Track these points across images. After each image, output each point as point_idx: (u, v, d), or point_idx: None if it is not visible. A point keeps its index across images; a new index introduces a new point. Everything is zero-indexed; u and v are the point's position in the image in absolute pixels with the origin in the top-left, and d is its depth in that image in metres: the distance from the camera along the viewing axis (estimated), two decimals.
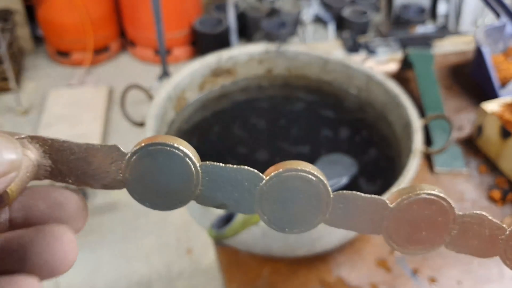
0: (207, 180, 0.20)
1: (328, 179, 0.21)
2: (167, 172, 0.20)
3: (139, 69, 2.16)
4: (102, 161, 0.20)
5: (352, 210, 0.21)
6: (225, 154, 0.71)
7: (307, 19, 2.22)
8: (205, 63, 0.75)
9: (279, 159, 0.73)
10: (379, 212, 0.21)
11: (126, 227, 1.45)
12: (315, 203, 0.21)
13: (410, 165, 0.57)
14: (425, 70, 0.88)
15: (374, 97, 0.74)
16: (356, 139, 0.74)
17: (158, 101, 0.67)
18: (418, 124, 0.63)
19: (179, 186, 0.20)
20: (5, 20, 1.93)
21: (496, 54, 0.90)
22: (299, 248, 0.60)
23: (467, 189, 0.72)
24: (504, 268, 0.62)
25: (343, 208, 0.21)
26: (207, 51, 0.83)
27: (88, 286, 1.31)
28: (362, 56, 1.02)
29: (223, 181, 0.21)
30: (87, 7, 2.03)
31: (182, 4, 2.11)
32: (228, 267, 0.61)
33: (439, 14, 2.28)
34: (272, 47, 0.78)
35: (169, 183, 0.20)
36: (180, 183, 0.20)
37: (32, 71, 2.12)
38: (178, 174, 0.20)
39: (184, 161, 0.20)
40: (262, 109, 0.78)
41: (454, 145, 0.79)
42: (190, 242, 1.41)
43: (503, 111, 0.75)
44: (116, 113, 1.87)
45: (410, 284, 0.60)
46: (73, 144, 0.20)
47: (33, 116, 1.86)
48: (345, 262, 0.62)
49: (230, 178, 0.20)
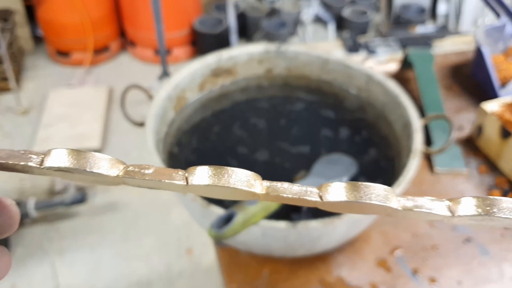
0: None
1: (328, 179, 0.22)
2: None
3: (139, 69, 2.16)
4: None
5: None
6: (225, 154, 0.71)
7: (307, 19, 2.22)
8: (205, 63, 0.75)
9: (279, 159, 0.73)
10: None
11: (126, 227, 1.45)
12: None
13: (410, 165, 0.57)
14: (425, 70, 0.88)
15: (374, 97, 0.74)
16: (356, 139, 0.74)
17: (158, 101, 0.67)
18: (418, 124, 0.63)
19: None
20: (5, 20, 1.93)
21: (496, 54, 0.90)
22: (299, 248, 0.60)
23: (467, 189, 0.72)
24: (504, 268, 0.62)
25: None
26: (207, 51, 0.83)
27: (88, 286, 1.31)
28: (362, 56, 1.02)
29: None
30: (87, 7, 2.03)
31: (182, 4, 2.11)
32: (228, 267, 0.61)
33: (439, 14, 2.28)
34: (272, 47, 0.78)
35: None
36: None
37: (32, 71, 2.12)
38: None
39: None
40: (262, 109, 0.78)
41: (454, 145, 0.79)
42: (190, 242, 1.41)
43: (503, 111, 0.75)
44: (116, 113, 1.87)
45: (410, 284, 0.60)
46: None
47: (33, 116, 1.86)
48: (345, 262, 0.62)
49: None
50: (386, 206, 0.20)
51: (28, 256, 1.36)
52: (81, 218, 1.48)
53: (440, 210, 0.21)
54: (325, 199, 0.21)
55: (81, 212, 1.49)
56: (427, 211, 0.21)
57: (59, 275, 1.32)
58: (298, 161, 0.70)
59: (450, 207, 0.21)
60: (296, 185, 0.22)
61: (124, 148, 1.70)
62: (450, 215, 0.21)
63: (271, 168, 0.69)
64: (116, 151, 1.70)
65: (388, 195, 0.21)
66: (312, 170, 0.66)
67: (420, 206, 0.21)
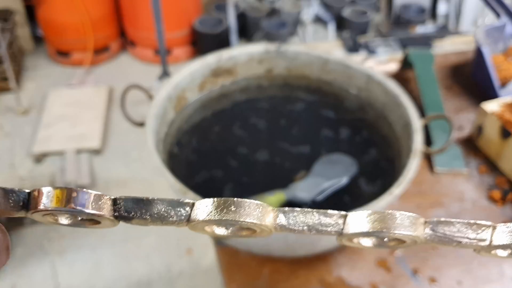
0: None
1: (328, 179, 0.21)
2: None
3: (139, 69, 2.16)
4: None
5: None
6: (225, 154, 0.71)
7: (307, 19, 2.22)
8: (205, 63, 0.75)
9: (279, 159, 0.73)
10: None
11: (126, 227, 1.45)
12: None
13: (410, 165, 0.57)
14: (425, 70, 0.88)
15: (374, 97, 0.74)
16: (356, 139, 0.74)
17: (158, 101, 0.67)
18: (418, 124, 0.63)
19: None
20: (5, 20, 1.93)
21: (496, 54, 0.90)
22: (299, 248, 0.60)
23: (467, 189, 0.72)
24: (504, 268, 0.62)
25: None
26: (207, 51, 0.83)
27: (88, 286, 1.31)
28: (362, 56, 1.02)
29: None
30: (87, 7, 2.03)
31: (182, 4, 2.11)
32: (228, 267, 0.61)
33: (439, 14, 2.28)
34: (272, 47, 0.78)
35: None
36: None
37: (32, 71, 2.12)
38: None
39: None
40: (262, 109, 0.78)
41: (454, 145, 0.79)
42: (190, 242, 1.40)
43: (503, 111, 0.75)
44: (116, 113, 1.87)
45: (410, 284, 0.60)
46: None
47: (33, 116, 1.86)
48: (345, 262, 0.62)
49: None
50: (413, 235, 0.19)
51: (28, 256, 1.36)
52: None
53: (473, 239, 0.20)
54: (346, 230, 0.20)
55: None
56: (460, 240, 0.20)
57: (59, 275, 1.32)
58: (298, 161, 0.70)
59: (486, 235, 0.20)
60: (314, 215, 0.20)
61: (124, 148, 1.70)
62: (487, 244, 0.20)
63: (271, 168, 0.69)
64: (116, 151, 1.70)
65: (415, 224, 0.19)
66: (312, 170, 0.66)
67: (451, 235, 0.19)
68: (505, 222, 0.21)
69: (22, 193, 0.20)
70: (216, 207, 0.20)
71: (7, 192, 0.20)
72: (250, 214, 0.19)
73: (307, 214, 0.20)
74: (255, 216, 0.19)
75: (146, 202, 0.20)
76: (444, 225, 0.20)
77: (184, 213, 0.20)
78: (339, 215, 0.20)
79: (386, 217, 0.19)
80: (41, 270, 1.33)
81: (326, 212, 0.20)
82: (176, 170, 0.63)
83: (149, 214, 0.20)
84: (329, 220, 0.20)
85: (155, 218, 0.20)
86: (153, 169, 1.56)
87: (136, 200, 0.21)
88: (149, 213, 0.20)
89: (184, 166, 0.68)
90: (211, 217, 0.20)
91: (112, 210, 0.21)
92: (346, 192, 0.65)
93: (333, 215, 0.20)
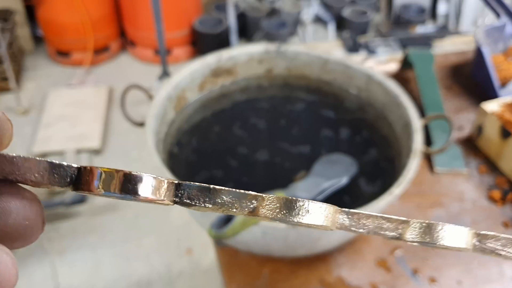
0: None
1: (328, 179, 0.21)
2: None
3: (139, 69, 2.16)
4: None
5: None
6: (225, 154, 0.71)
7: (307, 19, 2.22)
8: (205, 63, 0.75)
9: (279, 159, 0.73)
10: None
11: (126, 227, 1.45)
12: None
13: (410, 165, 0.57)
14: (425, 70, 0.88)
15: (374, 97, 0.74)
16: (356, 139, 0.74)
17: (158, 101, 0.67)
18: (418, 124, 0.63)
19: None
20: (5, 20, 1.93)
21: (496, 54, 0.90)
22: (299, 248, 0.60)
23: (467, 189, 0.72)
24: (504, 268, 0.62)
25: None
26: (207, 51, 0.83)
27: (88, 286, 1.31)
28: (362, 56, 1.02)
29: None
30: (87, 7, 2.03)
31: (182, 4, 2.11)
32: (228, 267, 0.61)
33: (439, 14, 2.28)
34: (272, 47, 0.78)
35: None
36: None
37: (32, 71, 2.12)
38: None
39: None
40: (262, 109, 0.78)
41: (454, 145, 0.79)
42: (190, 242, 1.40)
43: (503, 111, 0.75)
44: (116, 113, 1.87)
45: (410, 284, 0.60)
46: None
47: (33, 116, 1.86)
48: (345, 262, 0.62)
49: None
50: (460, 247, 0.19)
51: (28, 256, 1.36)
52: (81, 218, 1.48)
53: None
54: (403, 238, 0.20)
55: (81, 212, 1.49)
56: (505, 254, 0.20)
57: (59, 275, 1.32)
58: (298, 161, 0.70)
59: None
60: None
61: (124, 148, 1.70)
62: None
63: (271, 168, 0.69)
64: (116, 151, 1.70)
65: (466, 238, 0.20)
66: (312, 170, 0.66)
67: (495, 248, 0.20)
68: (504, 222, 0.21)
69: (70, 168, 0.19)
70: (282, 207, 0.20)
71: (54, 167, 0.19)
72: (317, 217, 0.20)
73: (371, 218, 0.20)
74: (322, 219, 0.20)
75: (212, 191, 0.20)
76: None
77: (250, 206, 0.20)
78: (400, 221, 0.21)
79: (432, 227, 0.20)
80: (41, 270, 1.33)
81: (391, 218, 0.21)
82: (176, 170, 0.63)
83: (212, 202, 0.20)
84: (390, 225, 0.21)
85: (217, 208, 0.20)
86: (153, 169, 1.56)
87: (201, 188, 0.20)
88: (212, 202, 0.20)
89: (184, 166, 0.69)
90: (277, 215, 0.20)
91: (173, 196, 0.20)
92: (346, 192, 0.65)
93: (393, 221, 0.21)
